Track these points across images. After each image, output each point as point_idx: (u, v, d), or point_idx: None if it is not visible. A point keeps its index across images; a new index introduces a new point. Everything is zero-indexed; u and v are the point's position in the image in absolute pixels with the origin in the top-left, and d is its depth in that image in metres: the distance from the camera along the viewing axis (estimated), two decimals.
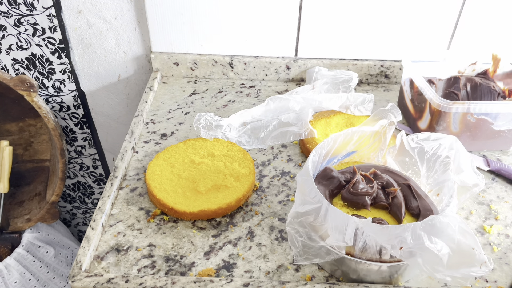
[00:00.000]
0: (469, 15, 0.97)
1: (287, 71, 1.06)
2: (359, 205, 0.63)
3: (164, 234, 0.69)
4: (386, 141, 0.70)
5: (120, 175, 0.78)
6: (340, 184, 0.66)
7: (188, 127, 0.92)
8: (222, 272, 0.64)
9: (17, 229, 1.14)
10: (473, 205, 0.75)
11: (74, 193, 1.38)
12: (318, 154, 0.65)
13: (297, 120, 0.86)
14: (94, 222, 0.69)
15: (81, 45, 1.06)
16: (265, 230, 0.70)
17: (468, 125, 0.82)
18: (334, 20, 0.99)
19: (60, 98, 1.15)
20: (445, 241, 0.51)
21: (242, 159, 0.79)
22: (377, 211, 0.64)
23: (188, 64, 1.06)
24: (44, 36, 1.03)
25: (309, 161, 0.62)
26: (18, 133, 1.16)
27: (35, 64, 1.08)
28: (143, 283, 0.61)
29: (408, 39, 1.01)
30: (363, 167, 0.69)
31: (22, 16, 1.00)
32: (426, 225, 0.51)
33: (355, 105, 0.89)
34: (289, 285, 0.61)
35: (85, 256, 0.64)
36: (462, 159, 0.62)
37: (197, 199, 0.72)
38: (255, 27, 1.01)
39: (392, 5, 0.96)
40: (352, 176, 0.66)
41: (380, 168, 0.69)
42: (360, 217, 0.57)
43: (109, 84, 1.13)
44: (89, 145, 1.25)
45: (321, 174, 0.67)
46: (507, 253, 0.67)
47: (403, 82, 0.94)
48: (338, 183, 0.66)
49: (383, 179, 0.66)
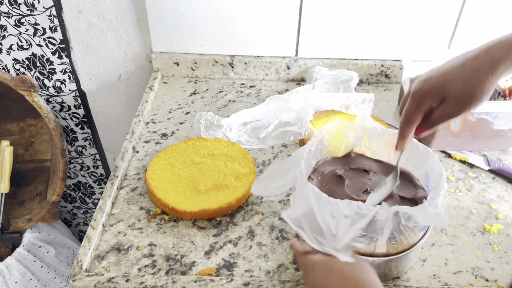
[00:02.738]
0: (469, 15, 0.97)
1: (288, 71, 1.06)
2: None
3: (165, 233, 0.69)
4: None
5: (120, 174, 0.78)
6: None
7: (188, 126, 0.92)
8: (222, 272, 0.64)
9: (18, 229, 1.14)
10: (474, 205, 0.75)
11: (74, 193, 1.38)
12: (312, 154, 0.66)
13: (298, 119, 0.86)
14: (95, 221, 0.69)
15: (81, 45, 1.06)
16: (266, 229, 0.70)
17: (469, 124, 0.82)
18: (334, 20, 0.99)
19: (60, 98, 1.15)
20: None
21: (242, 158, 0.80)
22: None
23: (188, 64, 1.06)
24: (45, 36, 1.03)
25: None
26: (19, 133, 1.16)
27: (35, 64, 1.08)
28: (144, 282, 0.61)
29: (408, 39, 1.01)
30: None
31: (22, 16, 1.00)
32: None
33: (356, 105, 0.89)
34: (289, 284, 0.61)
35: (85, 256, 0.64)
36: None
37: (198, 198, 0.72)
38: (255, 27, 1.01)
39: (392, 5, 0.96)
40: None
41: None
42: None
43: (109, 84, 1.13)
44: (89, 145, 1.26)
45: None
46: (508, 253, 0.67)
47: (404, 81, 0.94)
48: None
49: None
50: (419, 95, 0.56)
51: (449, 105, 0.54)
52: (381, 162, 0.70)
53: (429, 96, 0.55)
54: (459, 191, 0.78)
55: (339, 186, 0.65)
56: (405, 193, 0.63)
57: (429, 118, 0.57)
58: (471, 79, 0.53)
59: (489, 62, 0.52)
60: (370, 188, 0.64)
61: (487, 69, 0.52)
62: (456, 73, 0.54)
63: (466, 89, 0.53)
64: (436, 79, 0.55)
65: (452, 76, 0.54)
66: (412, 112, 0.57)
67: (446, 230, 0.71)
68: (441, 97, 0.54)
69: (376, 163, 0.70)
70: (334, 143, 0.70)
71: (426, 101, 0.55)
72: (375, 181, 0.66)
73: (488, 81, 0.52)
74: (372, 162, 0.70)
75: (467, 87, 0.53)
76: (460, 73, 0.53)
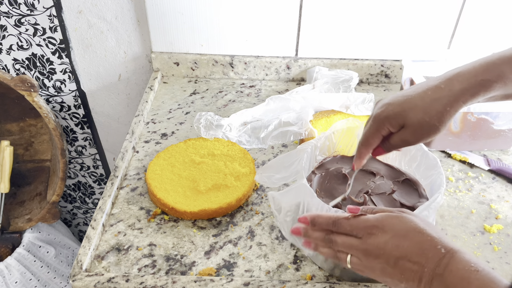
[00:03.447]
0: (469, 15, 0.97)
1: (288, 71, 1.06)
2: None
3: (165, 233, 0.69)
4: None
5: (120, 174, 0.78)
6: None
7: (188, 126, 0.92)
8: (222, 272, 0.64)
9: (18, 229, 1.14)
10: (474, 205, 0.75)
11: (74, 193, 1.38)
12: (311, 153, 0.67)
13: (298, 119, 0.86)
14: (95, 221, 0.69)
15: (81, 45, 1.06)
16: (266, 229, 0.70)
17: (469, 124, 0.82)
18: (334, 20, 0.99)
19: (60, 98, 1.15)
20: None
21: (242, 158, 0.80)
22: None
23: (188, 64, 1.06)
24: (45, 36, 1.03)
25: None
26: (18, 133, 1.16)
27: (35, 64, 1.08)
28: (144, 282, 0.61)
29: (408, 39, 1.01)
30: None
31: (22, 16, 1.00)
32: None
33: (356, 105, 0.89)
34: (289, 284, 0.61)
35: (85, 256, 0.64)
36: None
37: (198, 198, 0.72)
38: (255, 27, 1.01)
39: (392, 5, 0.96)
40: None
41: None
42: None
43: (109, 84, 1.13)
44: (89, 145, 1.26)
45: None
46: (508, 253, 0.67)
47: (404, 81, 0.94)
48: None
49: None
50: (380, 119, 0.56)
51: (407, 132, 0.55)
52: (390, 167, 0.70)
53: (389, 121, 0.55)
54: (459, 191, 0.78)
55: (340, 185, 0.65)
56: (407, 201, 0.63)
57: (388, 141, 0.57)
58: (430, 109, 0.53)
59: (449, 94, 0.52)
60: (371, 191, 0.64)
61: (446, 101, 0.52)
62: (416, 101, 0.54)
63: (424, 119, 0.53)
64: (397, 105, 0.55)
65: (412, 104, 0.54)
66: (371, 135, 0.57)
67: (446, 230, 0.71)
68: (400, 124, 0.55)
69: (385, 167, 0.69)
70: (344, 142, 0.70)
71: (385, 125, 0.56)
72: (380, 185, 0.66)
73: (446, 112, 0.52)
74: (381, 165, 0.70)
75: (425, 116, 0.53)
76: (419, 102, 0.53)
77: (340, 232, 0.50)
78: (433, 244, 0.45)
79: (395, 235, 0.46)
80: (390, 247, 0.46)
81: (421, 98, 0.54)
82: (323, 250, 0.52)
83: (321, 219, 0.52)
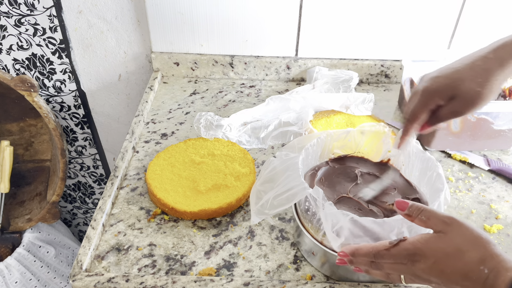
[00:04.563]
0: (469, 15, 0.97)
1: (288, 71, 1.06)
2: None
3: (165, 233, 0.69)
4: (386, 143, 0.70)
5: (120, 174, 0.78)
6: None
7: (188, 126, 0.92)
8: (222, 272, 0.64)
9: (18, 229, 1.14)
10: (474, 205, 0.75)
11: (74, 193, 1.38)
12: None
13: (298, 119, 0.86)
14: (95, 221, 0.69)
15: (81, 45, 1.06)
16: (266, 229, 0.70)
17: (469, 124, 0.82)
18: (334, 20, 0.99)
19: (60, 98, 1.15)
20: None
21: (242, 158, 0.80)
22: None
23: (188, 64, 1.06)
24: (45, 36, 1.03)
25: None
26: (18, 133, 1.16)
27: (35, 64, 1.08)
28: (144, 282, 0.61)
29: (408, 39, 1.01)
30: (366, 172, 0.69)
31: (22, 16, 1.00)
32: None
33: (356, 105, 0.89)
34: (289, 284, 0.61)
35: (85, 256, 0.64)
36: None
37: (198, 198, 0.72)
38: (255, 27, 1.01)
39: (392, 5, 0.96)
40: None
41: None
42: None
43: (109, 84, 1.13)
44: (89, 145, 1.26)
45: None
46: (508, 253, 0.67)
47: (404, 81, 0.94)
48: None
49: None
50: (429, 92, 0.56)
51: (458, 103, 0.55)
52: (409, 184, 0.67)
53: (439, 94, 0.56)
54: (459, 191, 0.78)
55: (347, 182, 0.66)
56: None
57: (435, 116, 0.57)
58: (480, 78, 0.53)
59: (498, 62, 0.53)
60: (375, 199, 0.64)
61: (496, 70, 0.53)
62: (466, 72, 0.54)
63: (475, 88, 0.53)
64: (445, 78, 0.56)
65: (462, 75, 0.54)
66: (419, 109, 0.57)
67: None
68: (450, 95, 0.55)
69: (404, 183, 0.67)
70: (370, 145, 0.69)
71: (435, 98, 0.56)
72: (387, 196, 0.65)
73: (496, 80, 0.53)
74: (402, 180, 0.68)
75: (476, 86, 0.53)
76: (469, 72, 0.54)
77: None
78: (476, 266, 0.43)
79: (437, 261, 0.45)
80: (435, 273, 0.46)
81: (470, 68, 0.54)
82: (375, 272, 0.51)
83: (362, 252, 0.50)
